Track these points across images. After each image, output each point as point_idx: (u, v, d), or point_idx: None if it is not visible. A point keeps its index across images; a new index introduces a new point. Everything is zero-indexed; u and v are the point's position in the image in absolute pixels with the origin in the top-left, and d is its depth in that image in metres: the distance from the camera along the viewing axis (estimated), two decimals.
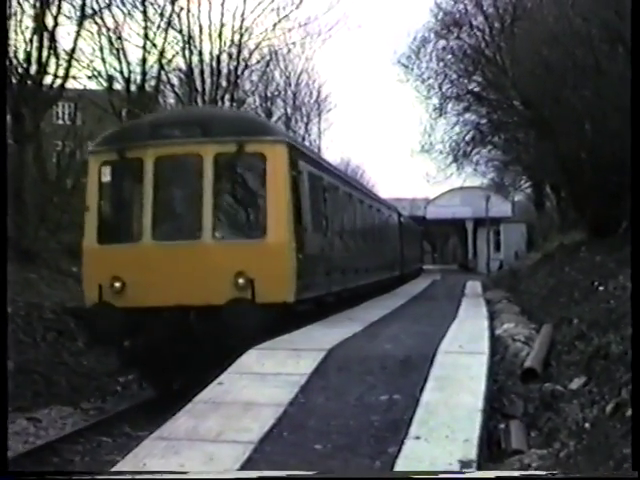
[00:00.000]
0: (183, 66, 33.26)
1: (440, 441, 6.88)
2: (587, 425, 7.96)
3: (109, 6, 27.19)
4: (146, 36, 29.52)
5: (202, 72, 33.69)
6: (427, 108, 40.78)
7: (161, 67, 30.85)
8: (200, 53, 33.94)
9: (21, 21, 23.09)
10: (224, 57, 34.95)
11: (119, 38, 28.49)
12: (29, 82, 23.16)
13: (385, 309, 19.25)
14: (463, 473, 5.87)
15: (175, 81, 34.97)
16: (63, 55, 24.63)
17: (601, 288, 14.70)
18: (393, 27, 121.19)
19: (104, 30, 27.73)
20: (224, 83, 34.48)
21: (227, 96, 34.32)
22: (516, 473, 6.46)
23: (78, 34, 25.46)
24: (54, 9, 23.85)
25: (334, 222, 18.91)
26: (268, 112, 45.36)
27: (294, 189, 14.49)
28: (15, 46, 22.69)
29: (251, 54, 36.93)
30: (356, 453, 6.74)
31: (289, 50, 42.48)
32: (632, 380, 6.61)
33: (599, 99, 18.82)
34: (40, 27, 23.13)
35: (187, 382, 13.22)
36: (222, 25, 34.36)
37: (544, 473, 6.50)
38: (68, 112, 34.80)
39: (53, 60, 23.95)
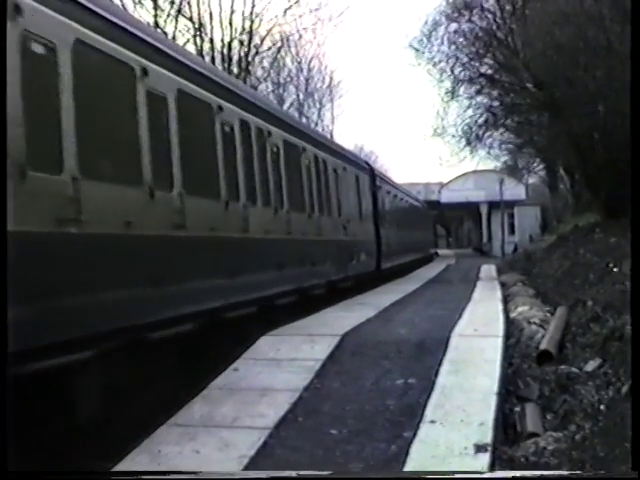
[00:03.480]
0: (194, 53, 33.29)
1: (456, 425, 6.88)
2: (602, 407, 7.94)
3: None
4: (156, 24, 29.56)
5: (213, 59, 33.69)
6: (439, 91, 40.49)
7: None
8: (211, 40, 34.08)
9: None
10: (235, 44, 35.09)
11: None
12: None
13: (399, 293, 19.27)
14: (481, 473, 5.82)
15: None
16: None
17: (616, 270, 14.60)
18: (404, 11, 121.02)
19: None
20: (235, 70, 34.48)
21: None
22: (535, 473, 6.42)
23: None
24: None
25: (161, 158, 9.58)
26: (280, 98, 45.31)
27: None
28: None
29: (262, 40, 37.05)
30: (372, 438, 6.74)
31: (300, 36, 42.45)
32: (632, 380, 6.57)
33: (611, 79, 18.65)
34: None
35: None
36: (232, 12, 34.47)
37: (564, 472, 6.44)
38: None
39: None
